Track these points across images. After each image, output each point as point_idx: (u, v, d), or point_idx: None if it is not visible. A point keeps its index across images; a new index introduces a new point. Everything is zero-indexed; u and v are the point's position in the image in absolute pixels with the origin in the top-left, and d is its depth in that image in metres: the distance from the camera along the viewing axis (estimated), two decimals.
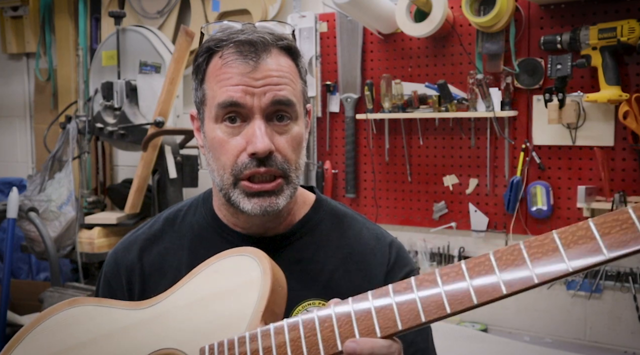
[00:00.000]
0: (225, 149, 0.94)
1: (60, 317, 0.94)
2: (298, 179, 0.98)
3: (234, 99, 0.92)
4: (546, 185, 2.32)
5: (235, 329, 0.80)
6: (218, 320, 0.83)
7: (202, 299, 0.86)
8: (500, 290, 0.65)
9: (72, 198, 2.86)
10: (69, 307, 0.94)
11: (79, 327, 0.92)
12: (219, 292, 0.85)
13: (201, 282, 0.88)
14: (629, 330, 2.23)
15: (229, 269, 0.86)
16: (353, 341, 0.71)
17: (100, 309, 0.92)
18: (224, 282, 0.85)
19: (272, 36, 0.95)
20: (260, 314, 0.80)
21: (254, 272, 0.83)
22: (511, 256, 0.66)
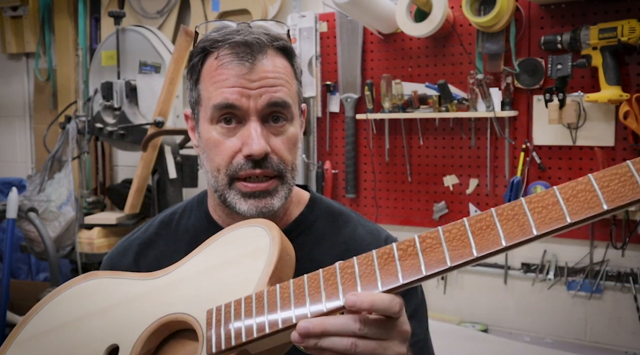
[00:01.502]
0: (220, 149, 0.94)
1: (76, 289, 0.96)
2: (293, 180, 0.98)
3: (230, 101, 0.92)
4: (546, 186, 2.32)
5: (242, 292, 0.81)
6: (226, 286, 0.84)
7: (211, 268, 0.87)
8: (500, 243, 0.67)
9: (71, 198, 2.86)
10: (85, 280, 0.96)
11: (93, 297, 0.94)
12: (228, 261, 0.86)
13: (211, 252, 0.89)
14: (630, 331, 2.23)
15: (239, 238, 0.87)
16: (353, 294, 0.70)
17: (114, 280, 0.95)
18: (233, 251, 0.86)
19: (267, 37, 0.95)
20: (267, 278, 0.81)
21: (262, 240, 0.84)
22: (512, 211, 0.67)
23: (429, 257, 0.70)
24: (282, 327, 0.74)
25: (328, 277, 0.75)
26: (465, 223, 0.69)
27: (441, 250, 0.70)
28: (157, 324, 0.87)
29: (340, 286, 0.73)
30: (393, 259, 0.72)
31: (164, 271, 0.91)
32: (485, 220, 0.68)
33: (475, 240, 0.68)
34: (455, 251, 0.69)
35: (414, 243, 0.72)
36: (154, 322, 0.87)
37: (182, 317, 0.85)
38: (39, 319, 0.96)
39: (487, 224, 0.68)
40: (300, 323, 0.72)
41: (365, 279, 0.72)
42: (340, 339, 0.70)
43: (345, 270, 0.74)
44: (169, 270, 0.91)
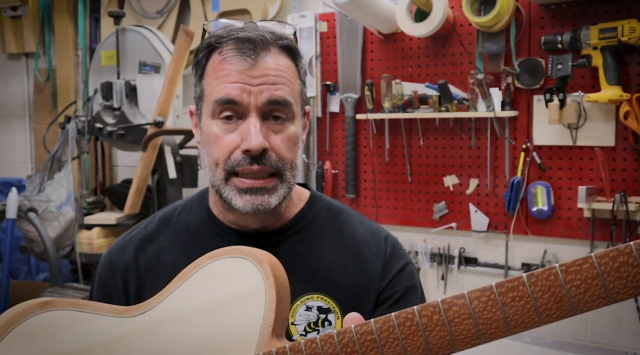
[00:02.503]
0: (220, 144, 0.94)
1: (32, 323, 0.83)
2: (293, 179, 0.98)
3: (231, 97, 0.92)
4: (547, 186, 2.31)
5: (244, 345, 0.75)
6: (222, 334, 0.77)
7: (199, 309, 0.79)
8: (537, 320, 0.62)
9: (71, 198, 2.85)
10: (42, 311, 0.83)
11: (59, 336, 0.82)
12: (218, 301, 0.78)
13: (195, 288, 0.81)
14: (630, 331, 2.23)
15: (225, 273, 0.79)
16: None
17: (81, 315, 0.83)
18: (222, 289, 0.79)
19: (272, 35, 0.95)
20: (270, 329, 0.75)
21: (253, 278, 0.78)
22: (547, 281, 0.61)
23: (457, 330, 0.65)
24: None
25: (346, 343, 0.69)
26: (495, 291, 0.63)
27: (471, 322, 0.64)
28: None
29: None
30: (418, 329, 0.66)
31: (140, 308, 0.83)
32: (518, 290, 0.62)
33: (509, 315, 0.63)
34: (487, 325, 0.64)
35: (439, 310, 0.66)
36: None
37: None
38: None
39: (521, 296, 0.62)
40: None
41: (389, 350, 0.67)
42: None
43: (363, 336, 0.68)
44: (146, 306, 0.82)
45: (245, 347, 0.75)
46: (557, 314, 0.61)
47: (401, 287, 1.03)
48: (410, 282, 1.05)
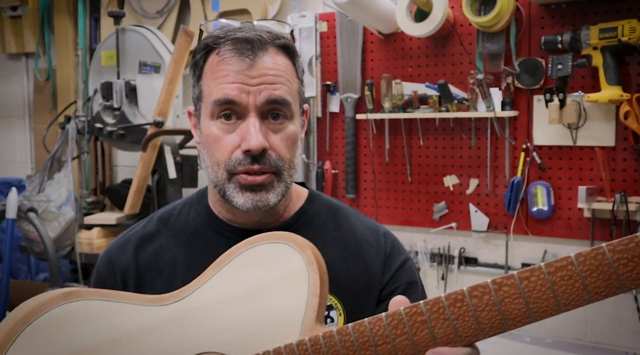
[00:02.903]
0: (220, 145, 0.95)
1: (58, 314, 0.78)
2: (291, 178, 0.98)
3: (230, 97, 0.92)
4: (547, 186, 2.31)
5: (287, 330, 0.74)
6: (265, 320, 0.75)
7: (239, 295, 0.77)
8: (585, 298, 0.63)
9: (71, 198, 2.85)
10: (66, 301, 0.79)
11: (86, 327, 0.78)
12: (260, 286, 0.76)
13: (234, 274, 0.78)
14: (630, 331, 2.23)
15: (265, 258, 0.78)
16: (435, 352, 0.67)
17: (109, 304, 0.79)
18: (263, 275, 0.77)
19: (269, 35, 0.95)
20: (314, 314, 0.74)
21: (295, 262, 0.76)
22: (595, 260, 0.62)
23: (508, 310, 0.65)
24: None
25: (395, 325, 0.69)
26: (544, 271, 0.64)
27: (522, 302, 0.65)
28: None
29: (412, 337, 0.68)
30: (468, 309, 0.67)
31: (175, 296, 0.80)
32: (567, 270, 0.63)
33: (559, 294, 0.64)
34: (537, 305, 0.64)
35: (490, 290, 0.66)
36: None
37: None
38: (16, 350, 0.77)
39: (570, 275, 0.63)
40: None
41: (439, 331, 0.67)
42: None
43: (413, 318, 0.68)
44: (182, 294, 0.79)
45: (288, 333, 0.74)
46: (605, 291, 0.62)
47: (403, 283, 1.04)
48: (411, 277, 1.06)
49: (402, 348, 0.68)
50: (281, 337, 0.74)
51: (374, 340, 0.69)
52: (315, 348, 0.71)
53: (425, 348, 0.68)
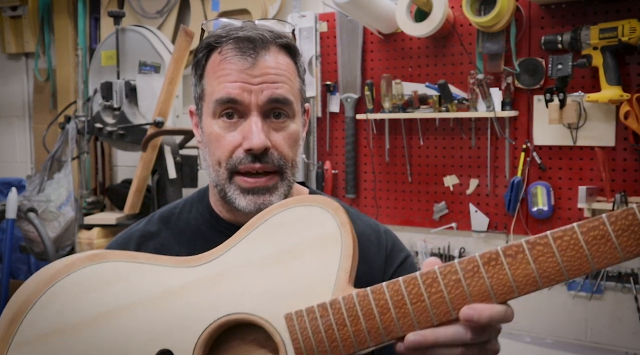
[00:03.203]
0: (221, 143, 0.95)
1: (83, 275, 0.76)
2: (293, 177, 0.98)
3: (232, 96, 0.93)
4: (547, 186, 2.31)
5: (319, 291, 0.73)
6: (296, 281, 0.74)
7: (269, 257, 0.76)
8: (617, 256, 0.65)
9: (71, 198, 2.85)
10: (91, 263, 0.77)
11: (113, 288, 0.76)
12: (291, 248, 0.76)
13: (265, 236, 0.77)
14: (630, 331, 2.23)
15: (297, 221, 0.77)
16: (470, 308, 0.68)
17: (136, 265, 0.77)
18: (294, 237, 0.76)
19: (271, 34, 0.95)
20: (347, 276, 0.74)
21: (328, 225, 0.76)
22: (626, 221, 0.64)
23: (542, 268, 0.67)
24: (387, 340, 0.70)
25: (430, 283, 0.70)
26: (576, 229, 0.66)
27: (555, 260, 0.66)
28: (216, 325, 0.75)
29: (447, 295, 0.69)
30: (503, 268, 0.68)
31: (203, 258, 0.79)
32: (599, 229, 0.65)
33: (592, 252, 0.65)
34: (571, 263, 0.66)
35: (523, 249, 0.68)
36: (212, 323, 0.75)
37: (250, 319, 0.75)
38: (38, 314, 0.76)
39: (602, 234, 0.65)
40: (409, 336, 0.69)
41: (474, 289, 0.69)
42: (449, 349, 0.69)
43: (448, 276, 0.69)
44: (211, 256, 0.79)
45: (320, 294, 0.74)
46: (637, 250, 0.64)
47: None
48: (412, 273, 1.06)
49: (437, 305, 0.69)
50: (313, 298, 0.74)
51: (408, 298, 0.70)
52: (348, 307, 0.71)
53: (460, 305, 0.69)
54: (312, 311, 0.73)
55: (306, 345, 0.72)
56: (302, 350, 0.72)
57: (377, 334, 0.70)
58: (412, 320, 0.70)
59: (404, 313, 0.70)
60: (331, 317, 0.72)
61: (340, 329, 0.71)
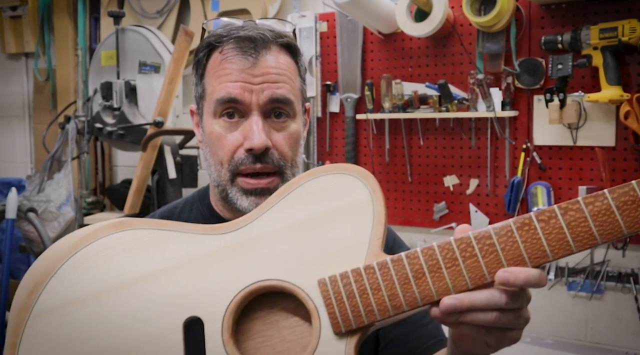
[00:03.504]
0: (223, 143, 0.95)
1: (106, 243, 0.75)
2: (294, 176, 0.98)
3: (233, 96, 0.93)
4: (547, 186, 2.31)
5: (352, 257, 0.73)
6: (327, 248, 0.74)
7: (300, 223, 0.75)
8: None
9: (71, 198, 2.85)
10: (115, 231, 0.75)
11: (138, 255, 0.74)
12: (322, 215, 0.75)
13: (295, 204, 0.76)
14: (630, 331, 2.23)
15: (327, 188, 0.76)
16: (506, 271, 0.69)
17: (161, 233, 0.76)
18: (326, 204, 0.75)
19: (272, 33, 0.95)
20: (379, 242, 0.74)
21: (359, 193, 0.75)
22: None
23: (575, 232, 0.68)
24: (422, 304, 0.71)
25: (464, 248, 0.70)
26: (607, 195, 0.68)
27: (588, 225, 0.68)
28: (246, 292, 0.74)
29: (482, 259, 0.70)
30: (536, 232, 0.69)
31: (231, 226, 0.78)
32: (629, 195, 0.67)
33: (623, 217, 0.67)
34: (603, 227, 0.68)
35: (556, 214, 0.69)
36: (242, 291, 0.74)
37: (281, 285, 0.74)
38: (60, 281, 0.73)
39: (633, 199, 0.67)
40: (444, 300, 0.69)
41: (509, 253, 0.70)
42: (484, 313, 0.70)
43: (482, 241, 0.70)
44: (239, 224, 0.77)
45: (354, 260, 0.73)
46: None
47: None
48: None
49: (472, 269, 0.70)
50: (345, 264, 0.73)
51: (443, 263, 0.70)
52: (383, 272, 0.71)
53: (495, 269, 0.70)
54: (345, 276, 0.72)
55: (340, 310, 0.72)
56: (337, 315, 0.72)
57: (412, 298, 0.71)
58: (448, 285, 0.70)
59: (439, 277, 0.70)
60: (365, 281, 0.72)
61: (375, 293, 0.71)
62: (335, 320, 0.72)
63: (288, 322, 0.76)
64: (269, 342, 0.75)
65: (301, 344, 0.74)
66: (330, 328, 0.72)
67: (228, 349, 0.72)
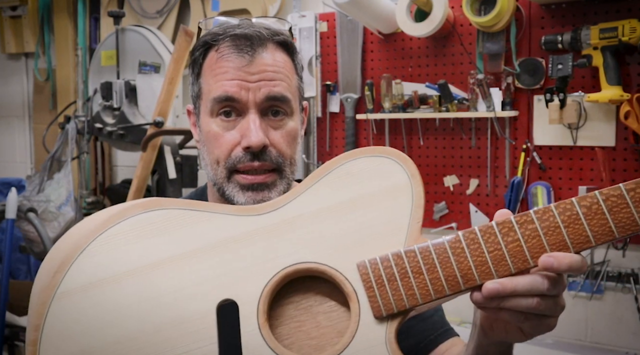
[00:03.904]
0: (220, 142, 0.94)
1: (136, 222, 0.72)
2: (292, 175, 0.98)
3: (229, 94, 0.92)
4: (547, 186, 2.31)
5: (391, 241, 0.73)
6: (366, 230, 0.73)
7: (338, 205, 0.74)
8: None
9: (71, 198, 2.85)
10: (144, 211, 0.73)
11: (169, 235, 0.72)
12: (360, 198, 0.74)
13: (332, 186, 0.75)
14: (630, 331, 2.22)
15: (366, 171, 0.75)
16: (550, 256, 0.68)
17: (193, 213, 0.73)
18: (363, 187, 0.75)
19: (268, 31, 0.95)
20: (418, 225, 0.73)
21: (398, 176, 0.75)
22: None
23: (617, 218, 0.69)
24: (464, 288, 0.70)
25: (506, 232, 0.70)
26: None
27: (630, 211, 0.68)
28: (282, 274, 0.72)
29: (525, 244, 0.70)
30: (579, 217, 0.69)
31: (266, 207, 0.76)
32: None
33: None
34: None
35: (598, 200, 0.69)
36: (278, 273, 0.72)
37: (318, 268, 0.72)
38: (86, 262, 0.70)
39: None
40: (487, 284, 0.69)
41: (551, 238, 0.70)
42: (526, 299, 0.70)
43: (524, 226, 0.70)
44: (274, 206, 0.76)
45: (393, 243, 0.73)
46: None
47: None
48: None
49: (514, 254, 0.70)
50: (385, 247, 0.72)
51: (485, 247, 0.70)
52: (424, 255, 0.71)
53: (538, 254, 0.70)
54: (386, 259, 0.71)
55: (381, 293, 0.71)
56: (377, 298, 0.71)
57: (454, 282, 0.70)
58: (490, 269, 0.70)
59: (481, 261, 0.70)
60: (407, 265, 0.71)
61: (416, 277, 0.70)
62: (376, 303, 0.71)
63: (322, 308, 0.75)
64: (303, 327, 0.74)
65: (337, 329, 0.73)
66: (370, 312, 0.71)
67: (264, 333, 0.70)
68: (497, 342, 0.79)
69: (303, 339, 0.73)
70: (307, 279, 0.75)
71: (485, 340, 0.79)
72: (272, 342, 0.70)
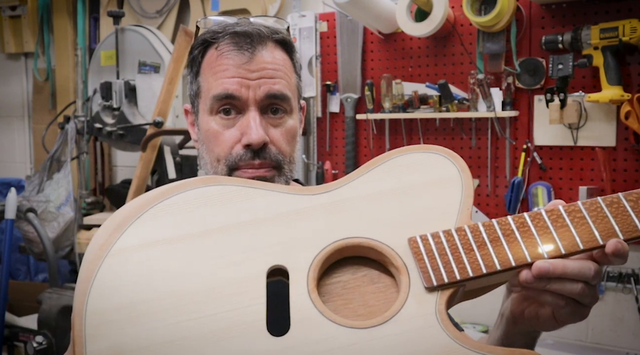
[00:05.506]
0: (220, 140, 0.94)
1: (195, 194, 0.76)
2: (292, 173, 0.98)
3: (230, 92, 0.92)
4: (547, 186, 2.31)
5: (442, 223, 0.75)
6: (417, 214, 0.76)
7: (389, 191, 0.77)
8: None
9: (70, 199, 2.85)
10: (203, 185, 0.76)
11: (227, 206, 0.75)
12: (412, 186, 0.77)
13: (384, 174, 0.79)
14: (631, 332, 2.22)
15: (417, 164, 0.79)
16: (619, 241, 0.70)
17: (251, 190, 0.77)
18: (415, 177, 0.78)
19: (267, 29, 0.95)
20: (468, 212, 0.75)
21: (448, 169, 0.78)
22: None
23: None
24: (514, 266, 0.71)
25: (555, 219, 0.72)
26: None
27: None
28: (332, 247, 0.74)
29: (574, 229, 0.72)
30: (625, 210, 0.72)
31: (319, 189, 0.79)
32: None
33: None
34: None
35: None
36: (329, 245, 0.74)
37: (369, 244, 0.74)
38: (145, 224, 0.73)
39: None
40: (537, 263, 0.70)
41: (600, 225, 0.72)
42: (572, 283, 0.71)
43: (572, 214, 0.72)
44: (329, 187, 0.79)
45: (442, 227, 0.75)
46: None
47: None
48: None
49: (565, 238, 0.71)
50: (436, 228, 0.75)
51: (535, 229, 0.72)
52: (475, 234, 0.73)
53: (589, 242, 0.71)
54: (437, 236, 0.74)
55: (432, 264, 0.72)
56: (428, 268, 0.72)
57: (505, 258, 0.71)
58: (540, 249, 0.72)
59: (532, 242, 0.72)
60: (457, 241, 0.73)
61: (467, 252, 0.72)
62: (427, 273, 0.72)
63: (370, 288, 0.76)
64: (350, 305, 0.75)
65: (384, 308, 0.73)
66: (421, 282, 0.72)
67: (312, 297, 0.72)
68: (525, 331, 0.80)
69: (350, 315, 0.74)
70: (357, 261, 0.77)
71: (514, 329, 0.81)
72: (320, 306, 0.71)
